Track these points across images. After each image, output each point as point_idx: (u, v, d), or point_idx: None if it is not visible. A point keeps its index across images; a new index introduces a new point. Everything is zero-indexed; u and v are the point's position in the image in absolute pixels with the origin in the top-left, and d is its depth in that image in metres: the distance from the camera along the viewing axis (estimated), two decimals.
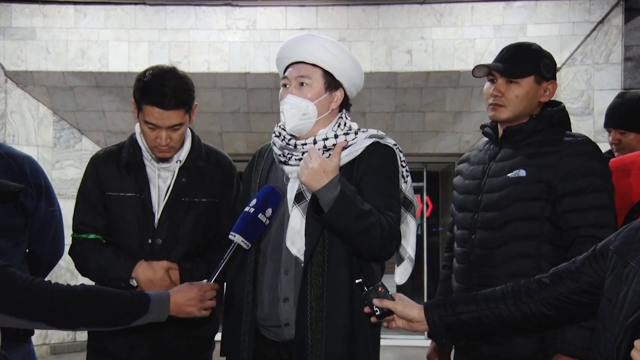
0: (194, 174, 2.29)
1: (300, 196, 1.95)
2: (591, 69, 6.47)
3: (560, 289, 1.61)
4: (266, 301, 1.96)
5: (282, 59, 2.04)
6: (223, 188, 2.34)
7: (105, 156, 2.34)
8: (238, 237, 1.88)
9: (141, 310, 1.77)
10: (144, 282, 2.19)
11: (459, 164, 2.31)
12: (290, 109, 1.94)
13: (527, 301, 1.64)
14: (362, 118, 6.82)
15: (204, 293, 1.87)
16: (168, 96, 2.13)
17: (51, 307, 1.66)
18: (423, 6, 6.59)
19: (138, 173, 2.27)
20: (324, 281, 1.89)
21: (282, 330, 1.95)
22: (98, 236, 2.28)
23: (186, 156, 2.30)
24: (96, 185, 2.30)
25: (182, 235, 2.26)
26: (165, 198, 2.26)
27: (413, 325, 1.74)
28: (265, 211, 1.89)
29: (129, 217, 2.26)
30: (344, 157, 1.92)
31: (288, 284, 1.94)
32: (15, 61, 6.64)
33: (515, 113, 2.07)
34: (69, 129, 7.07)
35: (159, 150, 2.22)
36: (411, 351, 6.71)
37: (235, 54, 6.62)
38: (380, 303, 1.75)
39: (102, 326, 1.78)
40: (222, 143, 7.02)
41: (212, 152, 2.40)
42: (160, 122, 2.15)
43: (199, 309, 1.86)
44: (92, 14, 6.65)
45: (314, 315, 1.88)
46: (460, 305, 1.70)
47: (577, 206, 1.93)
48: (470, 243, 2.10)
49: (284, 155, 1.98)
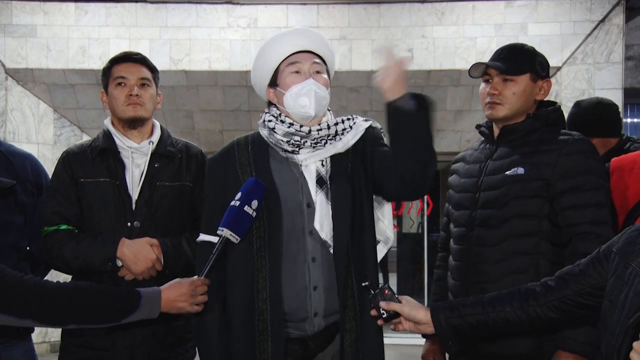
0: (166, 159, 2.35)
1: (321, 180, 1.96)
2: (592, 68, 6.46)
3: (565, 292, 1.61)
4: (293, 292, 1.91)
5: (283, 47, 1.99)
6: (197, 173, 2.38)
7: (76, 148, 2.40)
8: (226, 231, 1.86)
9: (132, 306, 1.76)
10: (130, 259, 2.19)
11: (453, 164, 2.33)
12: (318, 94, 1.96)
13: (533, 304, 1.65)
14: (364, 116, 6.80)
15: (195, 288, 1.85)
16: (134, 53, 2.40)
17: (40, 303, 1.65)
18: (424, 5, 6.59)
19: (111, 159, 2.31)
20: (350, 266, 1.91)
21: (311, 322, 1.92)
22: (70, 227, 2.28)
23: (157, 141, 2.37)
24: (68, 175, 2.31)
25: (160, 217, 2.29)
26: (140, 182, 2.30)
27: (420, 328, 1.75)
28: (251, 203, 1.88)
29: (105, 201, 2.27)
30: (351, 140, 2.00)
31: (316, 271, 1.92)
32: (16, 58, 6.64)
33: (512, 111, 2.09)
34: (69, 126, 7.07)
35: (130, 103, 2.31)
36: (411, 350, 6.71)
37: (236, 52, 6.62)
38: (387, 306, 1.76)
39: (92, 323, 1.76)
40: (223, 141, 7.02)
41: (181, 141, 2.48)
42: (129, 74, 2.33)
43: (190, 304, 1.85)
44: (93, 11, 6.65)
45: (348, 301, 1.90)
46: (467, 308, 1.71)
47: (575, 203, 1.95)
48: (468, 241, 2.11)
49: (291, 143, 1.96)
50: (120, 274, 2.23)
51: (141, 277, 2.22)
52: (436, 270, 2.39)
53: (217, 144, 7.04)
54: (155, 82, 2.40)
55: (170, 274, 2.26)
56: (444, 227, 2.36)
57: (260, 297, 1.90)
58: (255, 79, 2.08)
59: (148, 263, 2.20)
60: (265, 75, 2.03)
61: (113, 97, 2.34)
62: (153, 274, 2.23)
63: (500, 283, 1.99)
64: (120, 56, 2.39)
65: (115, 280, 2.23)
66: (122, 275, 2.23)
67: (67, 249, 2.22)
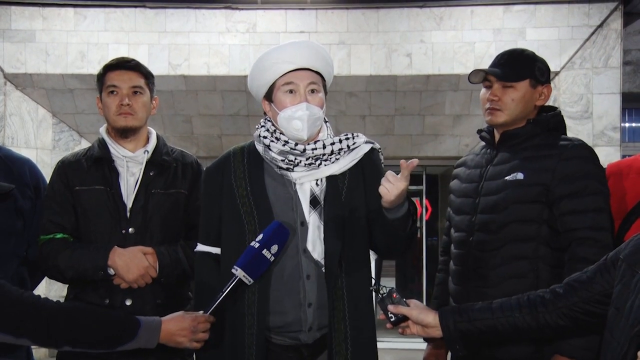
0: (161, 168, 2.35)
1: (315, 201, 1.96)
2: (590, 72, 6.47)
3: (574, 299, 1.61)
4: (287, 307, 1.93)
5: (279, 64, 1.96)
6: (192, 182, 2.38)
7: (71, 157, 2.41)
8: (240, 271, 1.82)
9: (129, 335, 1.73)
10: (122, 267, 2.19)
11: (455, 168, 2.33)
12: (311, 117, 1.93)
13: (542, 311, 1.65)
14: (362, 121, 6.83)
15: (197, 324, 1.80)
16: (128, 60, 2.38)
17: (37, 324, 1.63)
18: (423, 10, 6.60)
19: (106, 168, 2.32)
20: (343, 283, 1.92)
21: (304, 334, 1.94)
22: (65, 235, 2.28)
23: (153, 150, 2.36)
24: (63, 184, 2.31)
25: (155, 225, 2.29)
26: (134, 190, 2.29)
27: (428, 331, 1.75)
28: (271, 247, 1.84)
29: (100, 208, 2.28)
30: (348, 163, 1.98)
31: (311, 288, 1.93)
32: (15, 64, 6.65)
33: (512, 117, 2.10)
34: (68, 131, 7.07)
35: (121, 113, 2.30)
36: (409, 354, 6.71)
37: (235, 57, 6.62)
38: (395, 309, 1.77)
39: (86, 347, 1.73)
40: (221, 146, 7.02)
41: (177, 150, 2.47)
42: (121, 82, 2.31)
43: (190, 340, 1.80)
44: (92, 16, 6.65)
45: (338, 317, 1.91)
46: (475, 313, 1.71)
47: (574, 209, 1.95)
48: (467, 245, 2.11)
49: (287, 161, 1.95)
50: (115, 282, 2.23)
51: (135, 285, 2.22)
52: (438, 274, 2.40)
53: (215, 148, 7.04)
54: (149, 87, 2.38)
55: (166, 282, 2.27)
56: (446, 231, 2.36)
57: (249, 312, 1.93)
58: (251, 87, 2.07)
59: (141, 270, 2.20)
60: (261, 87, 2.02)
61: (106, 106, 2.34)
62: (148, 281, 2.23)
63: (500, 287, 1.99)
64: (113, 63, 2.37)
65: (110, 288, 2.24)
66: (118, 284, 2.23)
67: (61, 258, 2.23)
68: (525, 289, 1.96)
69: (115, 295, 2.24)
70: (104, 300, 2.24)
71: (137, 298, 2.24)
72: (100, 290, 2.24)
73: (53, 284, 6.51)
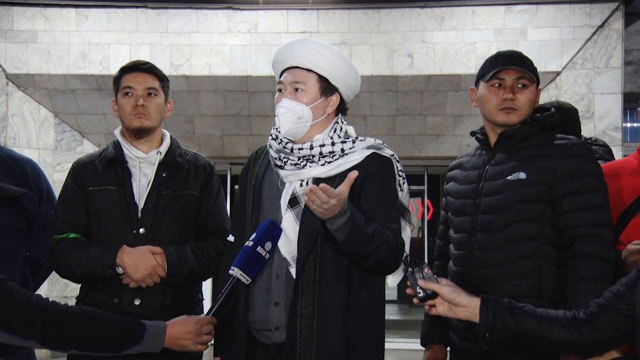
0: (174, 169, 2.37)
1: (294, 200, 1.95)
2: (591, 72, 6.48)
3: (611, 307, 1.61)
4: (257, 305, 1.97)
5: (277, 64, 2.05)
6: (204, 184, 2.41)
7: (86, 158, 2.45)
8: (237, 271, 1.84)
9: (135, 339, 1.74)
10: (130, 266, 2.21)
11: (450, 171, 2.31)
12: (285, 113, 1.95)
13: (588, 328, 1.63)
14: (363, 121, 6.83)
15: (201, 327, 1.82)
16: (143, 63, 2.43)
17: (45, 326, 1.64)
18: (424, 10, 6.61)
19: (119, 168, 2.34)
20: (315, 289, 1.89)
21: (273, 334, 1.95)
22: (78, 235, 2.30)
23: (166, 151, 2.39)
24: (77, 184, 2.35)
25: (165, 225, 2.31)
26: (146, 191, 2.32)
27: (456, 310, 1.69)
28: (265, 244, 1.86)
29: (112, 208, 2.30)
30: (340, 166, 1.94)
31: (279, 288, 1.95)
32: (17, 64, 6.66)
33: (524, 117, 2.11)
34: (70, 131, 7.08)
35: (136, 114, 2.33)
36: (411, 355, 6.70)
37: (236, 57, 6.63)
38: (426, 284, 1.69)
39: (93, 350, 1.74)
40: (223, 146, 7.03)
41: (190, 152, 2.50)
42: (136, 84, 2.36)
43: (194, 343, 1.82)
44: (93, 17, 6.67)
45: (303, 322, 1.87)
46: (520, 309, 1.66)
47: (576, 206, 1.96)
48: (470, 246, 2.10)
49: (280, 159, 1.98)
50: (124, 281, 2.25)
51: (144, 284, 2.24)
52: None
53: (217, 149, 7.05)
54: (164, 90, 2.43)
55: (174, 282, 2.28)
56: (440, 235, 2.35)
57: (239, 302, 2.00)
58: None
59: (148, 270, 2.22)
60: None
61: (121, 107, 2.38)
62: (156, 280, 2.25)
63: (503, 287, 1.99)
64: (129, 65, 2.42)
65: (119, 287, 2.25)
66: (127, 283, 2.25)
67: (72, 257, 2.25)
68: (528, 289, 1.97)
69: (124, 295, 2.26)
70: (113, 299, 2.25)
71: (146, 298, 2.26)
72: (110, 290, 2.26)
73: (55, 284, 6.53)
